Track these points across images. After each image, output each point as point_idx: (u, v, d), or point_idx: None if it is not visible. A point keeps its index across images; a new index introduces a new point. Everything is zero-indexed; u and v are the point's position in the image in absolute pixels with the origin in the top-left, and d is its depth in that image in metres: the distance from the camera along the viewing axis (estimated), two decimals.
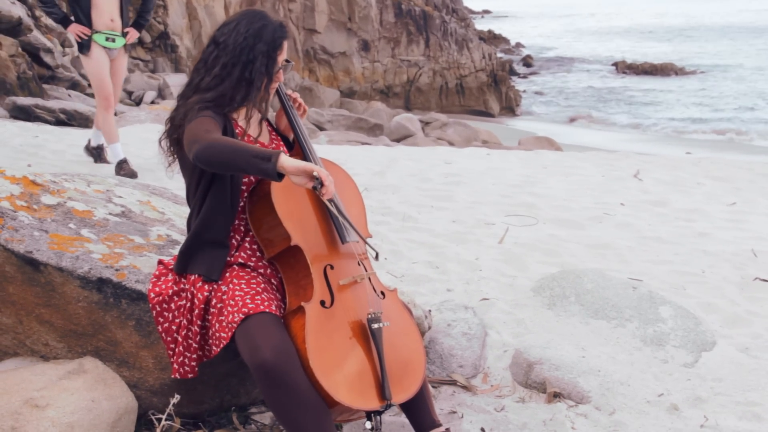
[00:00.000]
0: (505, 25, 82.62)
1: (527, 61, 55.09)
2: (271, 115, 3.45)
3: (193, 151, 2.79)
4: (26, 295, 3.20)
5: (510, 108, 37.91)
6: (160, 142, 3.17)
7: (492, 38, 59.00)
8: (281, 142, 3.32)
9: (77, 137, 10.22)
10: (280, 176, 2.71)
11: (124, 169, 7.64)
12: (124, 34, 7.70)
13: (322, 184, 2.74)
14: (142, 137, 10.31)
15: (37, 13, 20.67)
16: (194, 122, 2.91)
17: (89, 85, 22.84)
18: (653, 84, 44.58)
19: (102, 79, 7.63)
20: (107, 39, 7.57)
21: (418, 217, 6.92)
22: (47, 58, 19.08)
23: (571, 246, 6.24)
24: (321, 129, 22.35)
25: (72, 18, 7.57)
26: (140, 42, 31.51)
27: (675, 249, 6.31)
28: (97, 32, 7.53)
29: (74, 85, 20.09)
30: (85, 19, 7.49)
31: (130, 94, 24.09)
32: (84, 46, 7.57)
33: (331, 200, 2.85)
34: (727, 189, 8.96)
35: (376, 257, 3.05)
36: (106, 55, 7.65)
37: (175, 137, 3.09)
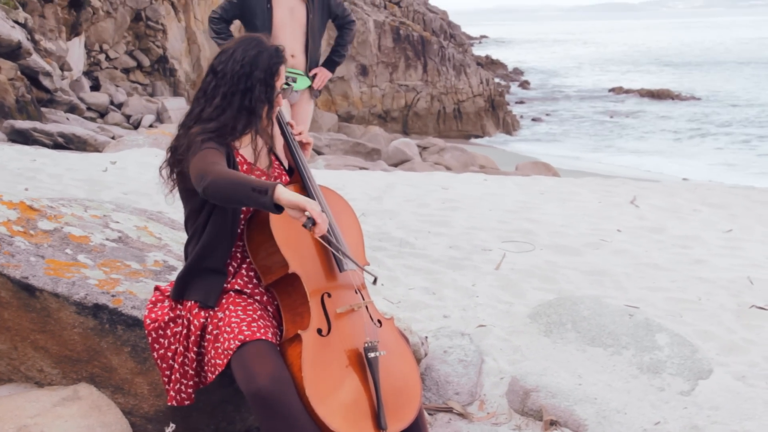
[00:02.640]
0: (503, 51, 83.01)
1: (524, 86, 55.34)
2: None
3: (201, 186, 2.80)
4: (21, 321, 3.20)
5: (507, 133, 38.02)
6: (160, 170, 3.17)
7: (489, 63, 59.30)
8: (283, 171, 3.32)
9: (75, 161, 10.23)
10: (278, 208, 2.71)
11: None
12: (311, 75, 5.99)
13: (314, 223, 2.72)
14: (140, 161, 10.32)
15: (37, 37, 20.75)
16: (199, 155, 2.91)
17: (88, 108, 22.92)
18: (651, 108, 44.77)
19: None
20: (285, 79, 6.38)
21: (415, 242, 6.92)
22: (46, 82, 19.14)
23: (567, 272, 6.24)
24: (319, 153, 22.39)
25: None
26: (139, 66, 31.62)
27: (671, 276, 6.32)
28: None
29: (72, 109, 20.15)
30: None
31: (128, 117, 24.14)
32: None
33: (324, 236, 2.84)
34: (724, 216, 8.97)
35: (374, 282, 3.05)
36: (285, 101, 5.91)
37: (178, 169, 3.08)
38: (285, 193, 2.70)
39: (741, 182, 18.93)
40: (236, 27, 6.33)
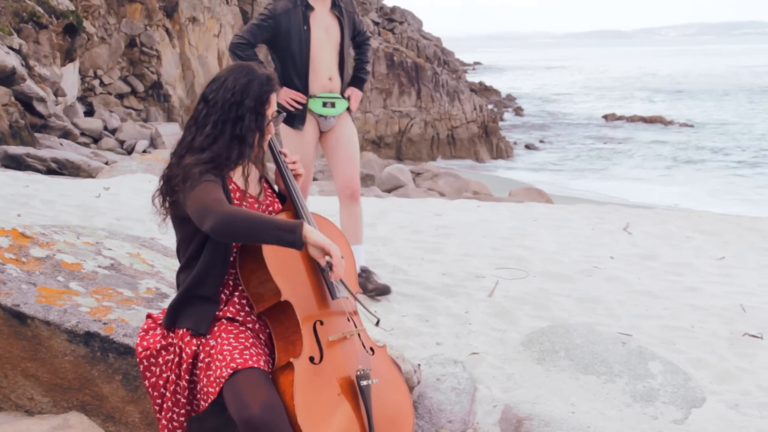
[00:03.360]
0: (496, 77, 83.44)
1: (518, 113, 55.58)
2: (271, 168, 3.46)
3: (207, 224, 2.84)
4: (12, 349, 3.18)
5: (501, 159, 38.15)
6: (153, 199, 3.16)
7: (483, 90, 59.57)
8: (275, 198, 3.32)
9: (68, 187, 10.23)
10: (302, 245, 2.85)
11: (371, 281, 5.79)
12: (346, 96, 5.71)
13: (331, 268, 2.88)
14: (133, 187, 10.32)
15: (31, 62, 20.80)
16: (199, 190, 2.92)
17: (82, 134, 22.93)
18: (644, 135, 45.02)
19: (307, 163, 5.64)
20: (324, 104, 5.59)
21: (408, 269, 6.92)
22: (40, 107, 19.17)
23: (561, 300, 6.24)
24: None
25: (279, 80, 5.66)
26: (133, 91, 31.69)
27: (664, 303, 6.32)
28: (312, 97, 5.55)
29: (66, 134, 20.17)
30: (300, 81, 5.51)
31: (121, 143, 24.17)
32: (297, 118, 5.55)
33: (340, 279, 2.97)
34: (716, 243, 8.99)
35: (377, 324, 3.08)
36: (317, 129, 5.71)
37: (171, 198, 3.08)
38: (313, 234, 2.86)
39: (731, 210, 19.00)
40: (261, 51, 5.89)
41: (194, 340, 2.99)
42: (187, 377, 2.98)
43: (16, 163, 14.51)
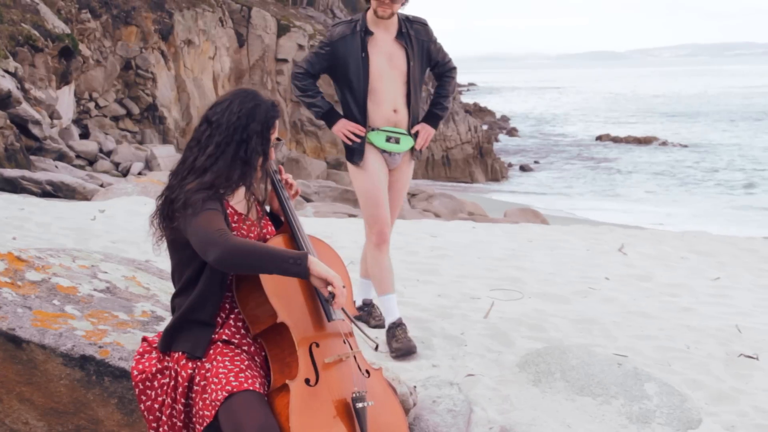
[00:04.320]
0: (491, 99, 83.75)
1: (512, 134, 55.74)
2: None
3: (211, 256, 2.86)
4: (7, 373, 3.18)
5: (496, 180, 38.24)
6: (151, 220, 3.16)
7: (478, 111, 59.74)
8: (269, 222, 3.33)
9: (63, 210, 10.22)
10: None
11: (398, 339, 5.06)
12: (413, 133, 5.11)
13: (334, 298, 2.93)
14: (128, 209, 10.32)
15: (27, 85, 20.85)
16: (201, 218, 2.93)
17: (77, 156, 22.94)
18: (638, 155, 45.18)
19: (376, 201, 5.06)
20: (388, 139, 5.03)
21: (404, 291, 6.91)
22: (35, 130, 19.20)
23: (556, 321, 6.24)
24: (307, 201, 22.43)
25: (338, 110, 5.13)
26: (128, 113, 31.75)
27: (660, 324, 6.32)
28: (373, 130, 5.01)
29: (61, 157, 20.20)
30: (359, 111, 5.00)
31: (117, 165, 24.19)
32: (356, 152, 5.03)
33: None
34: (711, 264, 9.00)
35: (376, 348, 3.09)
36: (384, 164, 5.11)
37: (170, 223, 3.07)
38: (317, 265, 2.92)
39: (726, 230, 19.04)
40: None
41: (190, 363, 2.99)
42: (182, 401, 2.98)
43: (12, 186, 14.52)
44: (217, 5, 37.92)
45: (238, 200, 3.17)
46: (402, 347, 5.00)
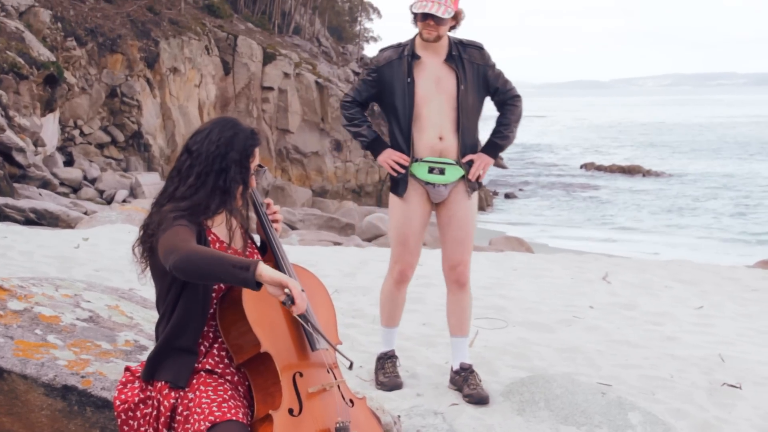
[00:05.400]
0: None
1: (497, 162, 55.91)
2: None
3: (170, 261, 2.81)
4: None
5: (480, 208, 38.30)
6: (133, 249, 3.17)
7: None
8: (255, 249, 3.34)
9: (46, 238, 10.19)
10: (258, 285, 2.77)
11: (386, 373, 5.07)
12: (465, 162, 4.77)
13: (293, 301, 2.79)
14: (112, 237, 10.30)
15: (11, 113, 20.82)
16: (169, 232, 2.93)
17: (61, 183, 22.85)
18: (623, 184, 45.42)
19: (404, 240, 4.88)
20: (430, 170, 4.69)
21: None
22: (19, 158, 19.16)
23: (540, 350, 6.24)
24: (293, 228, 22.43)
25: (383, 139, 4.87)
26: (113, 141, 31.72)
27: (644, 353, 6.34)
28: (417, 161, 4.71)
29: (45, 184, 20.14)
30: (404, 140, 4.71)
31: (101, 192, 24.13)
32: (401, 183, 4.76)
33: (301, 314, 2.88)
34: (695, 292, 9.04)
35: (350, 367, 3.04)
36: (426, 201, 4.84)
37: (149, 245, 3.09)
38: (267, 270, 2.78)
39: (709, 259, 19.13)
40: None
41: (173, 393, 2.98)
42: (165, 431, 2.96)
43: None
44: (203, 33, 38.09)
45: (221, 227, 3.17)
46: (388, 383, 5.02)
